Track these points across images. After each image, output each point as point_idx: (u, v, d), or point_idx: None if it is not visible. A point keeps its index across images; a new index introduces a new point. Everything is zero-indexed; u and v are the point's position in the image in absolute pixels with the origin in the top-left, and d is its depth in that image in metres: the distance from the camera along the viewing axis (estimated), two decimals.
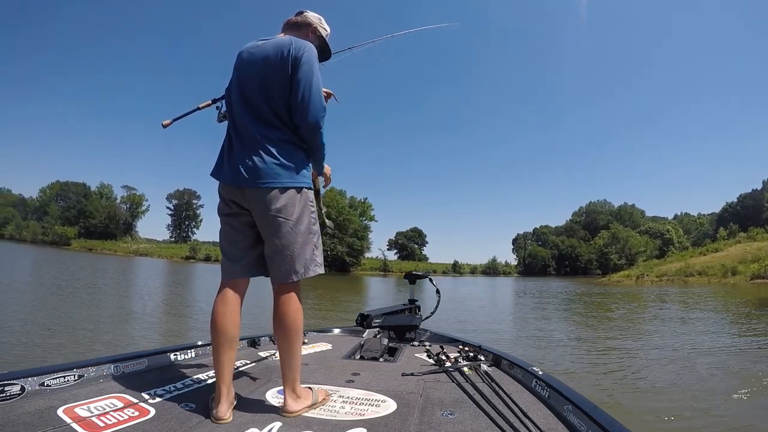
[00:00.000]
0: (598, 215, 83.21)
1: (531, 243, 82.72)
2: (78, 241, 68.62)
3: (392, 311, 3.67)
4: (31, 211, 75.30)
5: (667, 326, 10.81)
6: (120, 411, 1.61)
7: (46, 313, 8.99)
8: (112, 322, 8.63)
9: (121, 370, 2.07)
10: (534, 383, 2.02)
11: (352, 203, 65.00)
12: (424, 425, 1.59)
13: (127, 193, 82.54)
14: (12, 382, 1.63)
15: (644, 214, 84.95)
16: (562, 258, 73.73)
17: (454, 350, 2.78)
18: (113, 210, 77.42)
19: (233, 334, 1.72)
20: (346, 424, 1.61)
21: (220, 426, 1.55)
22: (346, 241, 58.88)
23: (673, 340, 8.63)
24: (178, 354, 2.41)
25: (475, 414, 1.70)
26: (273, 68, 1.75)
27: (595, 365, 6.43)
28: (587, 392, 2.36)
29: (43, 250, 51.26)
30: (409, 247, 79.80)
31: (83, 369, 1.91)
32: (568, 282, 44.59)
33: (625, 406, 4.44)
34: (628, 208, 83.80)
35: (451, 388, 2.08)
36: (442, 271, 71.43)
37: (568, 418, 1.60)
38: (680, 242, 73.29)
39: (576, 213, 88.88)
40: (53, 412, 1.54)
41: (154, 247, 73.70)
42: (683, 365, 6.34)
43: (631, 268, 50.90)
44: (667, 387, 5.17)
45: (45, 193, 76.14)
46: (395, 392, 2.00)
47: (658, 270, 41.44)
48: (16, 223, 72.26)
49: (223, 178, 1.79)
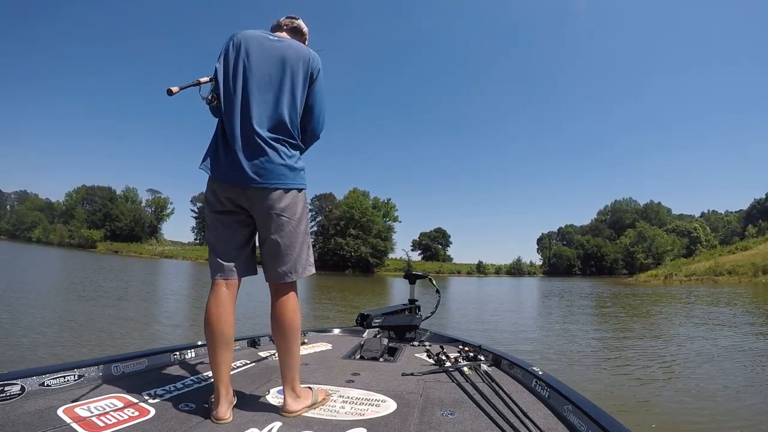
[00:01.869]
0: (624, 214, 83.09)
1: (556, 242, 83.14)
2: (104, 243, 71.96)
3: (392, 311, 3.72)
4: (58, 215, 79.14)
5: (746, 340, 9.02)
6: (120, 411, 1.63)
7: (75, 312, 9.74)
8: (138, 321, 9.26)
9: (121, 370, 2.09)
10: (534, 383, 2.05)
11: (375, 204, 66.18)
12: (424, 425, 1.62)
13: (152, 197, 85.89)
14: (12, 382, 1.65)
15: (670, 212, 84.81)
16: (588, 258, 73.49)
17: (454, 350, 2.82)
18: (138, 213, 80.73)
19: (228, 335, 1.74)
20: (346, 424, 1.64)
21: (220, 426, 1.58)
22: (370, 242, 60.17)
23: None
24: (178, 354, 2.42)
25: (475, 414, 1.73)
26: (294, 73, 1.80)
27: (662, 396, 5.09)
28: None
29: (70, 252, 53.99)
30: (433, 247, 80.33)
31: (83, 369, 1.93)
32: (594, 282, 44.48)
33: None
34: (654, 206, 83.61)
35: (451, 388, 2.11)
36: (467, 271, 72.18)
37: (568, 418, 1.63)
38: (708, 240, 73.15)
39: (601, 212, 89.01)
40: (53, 412, 1.56)
41: (179, 249, 76.80)
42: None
43: (658, 268, 50.38)
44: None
45: (71, 198, 79.82)
46: (395, 392, 2.03)
47: (687, 269, 40.43)
48: (43, 226, 76.05)
49: (223, 176, 1.75)
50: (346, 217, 60.67)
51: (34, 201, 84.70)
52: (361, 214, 60.68)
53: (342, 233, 59.95)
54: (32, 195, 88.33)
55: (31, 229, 75.98)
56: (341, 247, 58.91)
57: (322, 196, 69.74)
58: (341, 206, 63.38)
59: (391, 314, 3.64)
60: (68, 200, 79.86)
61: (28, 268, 22.85)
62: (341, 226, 60.55)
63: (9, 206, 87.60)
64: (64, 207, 79.65)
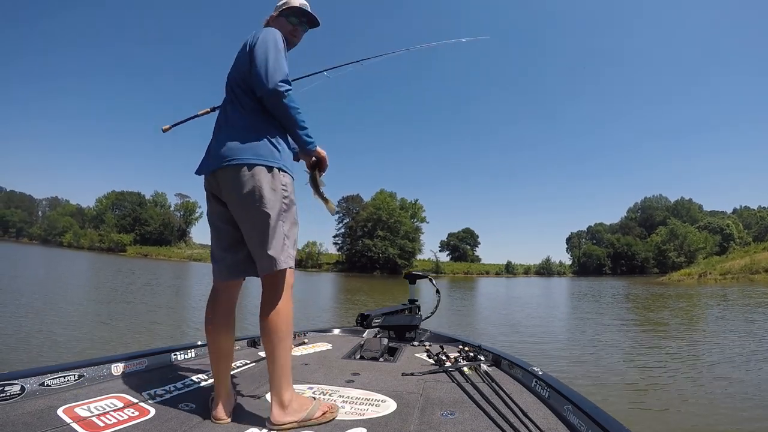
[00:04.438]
0: (654, 211, 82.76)
1: (585, 242, 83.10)
2: (133, 247, 75.15)
3: (392, 311, 3.74)
4: (89, 220, 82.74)
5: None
6: (120, 411, 1.67)
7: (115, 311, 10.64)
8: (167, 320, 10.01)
9: (121, 370, 2.13)
10: (534, 383, 2.08)
11: (403, 205, 67.35)
12: (424, 425, 1.65)
13: (181, 201, 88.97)
14: (12, 382, 1.68)
15: (702, 209, 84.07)
16: (618, 257, 73.34)
17: (454, 350, 2.84)
18: (167, 217, 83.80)
19: (228, 337, 1.77)
20: (346, 423, 1.67)
21: (220, 426, 1.61)
22: (398, 243, 61.51)
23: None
24: (178, 354, 2.46)
25: (475, 414, 1.76)
26: (242, 54, 1.84)
27: None
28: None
29: (101, 256, 56.24)
30: (461, 248, 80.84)
31: (83, 369, 1.97)
32: (626, 282, 44.33)
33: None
34: (685, 203, 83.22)
35: (451, 388, 2.14)
36: (495, 272, 72.76)
37: (568, 417, 1.65)
38: (741, 237, 72.54)
39: (631, 209, 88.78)
40: (53, 412, 1.59)
41: (207, 252, 77.40)
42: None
43: (691, 266, 50.26)
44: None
45: (101, 203, 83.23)
46: (395, 392, 2.07)
47: (721, 267, 40.64)
48: (74, 231, 79.42)
49: (198, 169, 1.83)
50: (374, 219, 62.17)
51: (65, 207, 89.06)
52: (389, 216, 62.13)
53: (369, 235, 61.65)
54: (63, 201, 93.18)
55: (62, 234, 79.32)
56: (369, 248, 60.56)
57: (349, 198, 71.11)
58: (368, 208, 64.91)
59: (391, 314, 3.69)
60: (98, 205, 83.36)
61: (71, 272, 24.52)
62: (369, 227, 62.25)
63: (41, 212, 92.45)
64: (94, 212, 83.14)
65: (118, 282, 19.95)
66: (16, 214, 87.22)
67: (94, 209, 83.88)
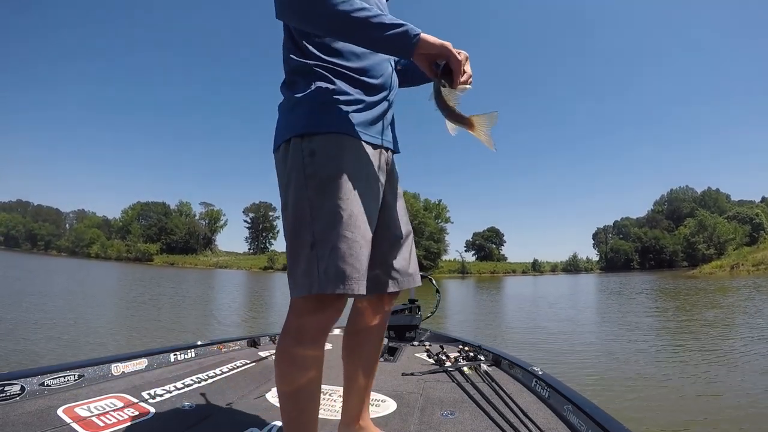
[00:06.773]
0: (681, 203, 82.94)
1: (612, 237, 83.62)
2: (160, 256, 78.67)
3: (392, 311, 3.48)
4: (115, 231, 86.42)
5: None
6: (120, 411, 1.68)
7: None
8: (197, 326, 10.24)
9: (121, 370, 2.13)
10: (534, 383, 2.09)
11: (426, 206, 68.98)
12: (424, 425, 1.67)
13: (206, 209, 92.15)
14: (12, 382, 1.69)
15: (729, 199, 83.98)
16: (646, 251, 73.78)
17: (454, 350, 2.88)
18: (193, 226, 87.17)
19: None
20: None
21: (220, 426, 1.65)
22: (422, 245, 62.94)
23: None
24: (178, 354, 2.48)
25: (475, 414, 1.78)
26: None
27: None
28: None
29: (128, 266, 57.86)
30: (487, 247, 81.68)
31: (83, 369, 1.97)
32: (656, 277, 43.85)
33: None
34: (713, 193, 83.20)
35: (451, 388, 2.16)
36: (522, 270, 73.57)
37: (568, 418, 1.66)
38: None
39: (657, 202, 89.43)
40: (53, 412, 1.60)
41: (233, 259, 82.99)
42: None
43: (722, 258, 50.60)
44: None
45: (127, 214, 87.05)
46: (395, 392, 2.09)
47: (753, 258, 40.85)
48: (101, 242, 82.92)
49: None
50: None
51: (92, 219, 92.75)
52: (413, 217, 61.86)
53: None
54: (90, 213, 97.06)
55: (89, 245, 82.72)
56: None
57: None
58: None
59: (391, 314, 3.50)
60: (124, 216, 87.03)
61: (103, 282, 24.96)
62: None
63: (68, 225, 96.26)
64: (120, 223, 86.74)
65: (165, 290, 20.45)
66: (44, 227, 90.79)
67: (120, 220, 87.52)
